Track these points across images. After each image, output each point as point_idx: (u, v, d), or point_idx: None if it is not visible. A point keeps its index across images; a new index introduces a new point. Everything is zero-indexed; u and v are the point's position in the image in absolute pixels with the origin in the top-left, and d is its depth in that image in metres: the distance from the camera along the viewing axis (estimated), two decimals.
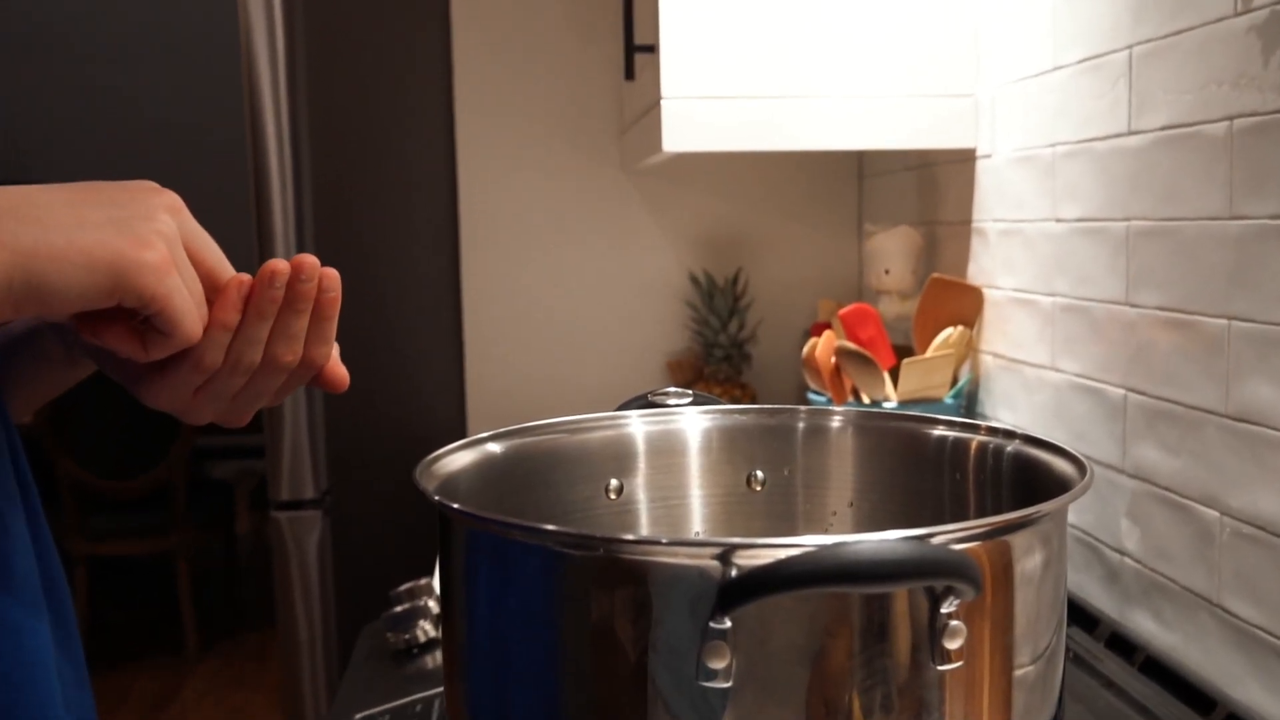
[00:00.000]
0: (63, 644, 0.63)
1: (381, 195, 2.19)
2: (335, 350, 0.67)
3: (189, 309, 0.56)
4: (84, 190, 0.54)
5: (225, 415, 0.66)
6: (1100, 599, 1.21)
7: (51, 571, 0.63)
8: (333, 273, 0.63)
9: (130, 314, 0.56)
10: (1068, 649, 1.12)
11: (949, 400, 1.51)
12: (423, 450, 0.77)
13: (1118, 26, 1.14)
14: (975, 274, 1.55)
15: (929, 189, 1.74)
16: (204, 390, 0.63)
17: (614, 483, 0.86)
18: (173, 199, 0.56)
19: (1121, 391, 1.16)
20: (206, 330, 0.60)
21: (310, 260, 0.61)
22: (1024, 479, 0.75)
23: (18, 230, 0.51)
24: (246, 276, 0.61)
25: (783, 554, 0.53)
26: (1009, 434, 0.79)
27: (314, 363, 0.65)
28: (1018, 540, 0.60)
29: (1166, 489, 1.08)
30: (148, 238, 0.53)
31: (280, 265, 0.61)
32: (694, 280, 2.13)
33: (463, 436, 2.15)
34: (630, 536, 0.57)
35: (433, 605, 1.17)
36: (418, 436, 2.23)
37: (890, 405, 1.50)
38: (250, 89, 1.91)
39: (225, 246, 0.61)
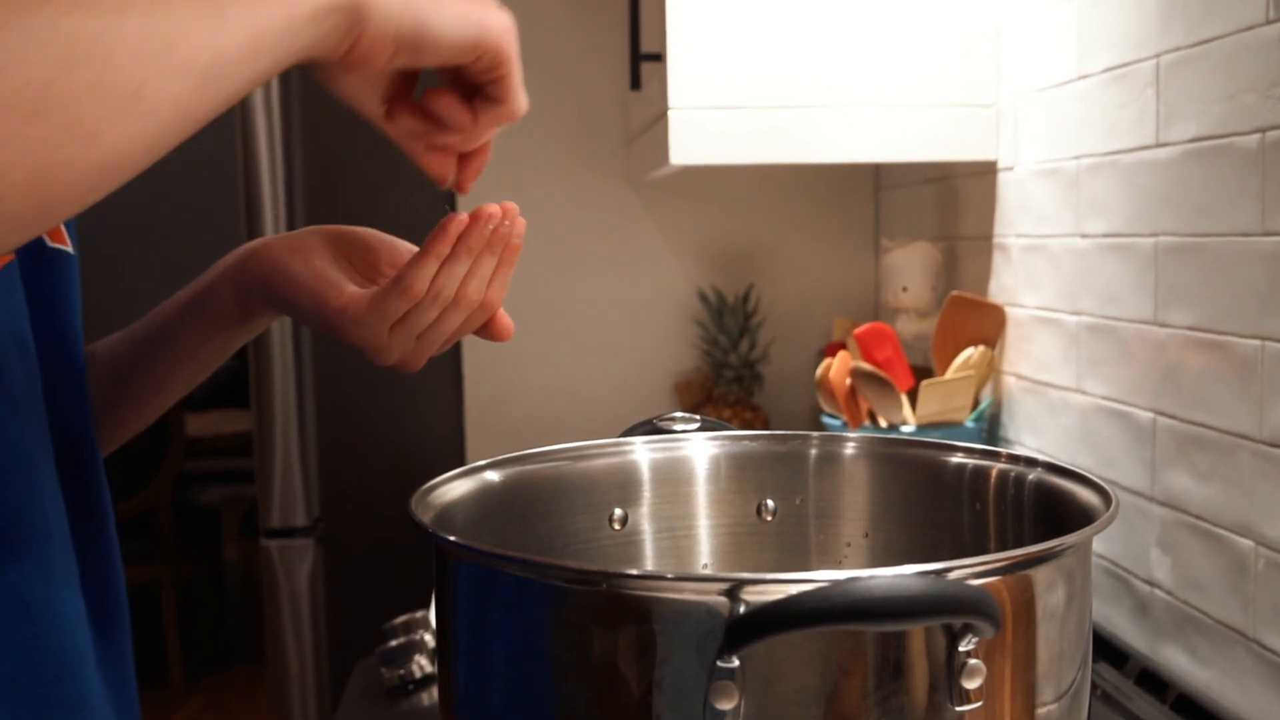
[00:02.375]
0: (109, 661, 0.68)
1: (376, 204, 2.19)
2: None
3: (521, 82, 0.66)
4: None
5: (409, 356, 0.76)
6: (1129, 633, 1.21)
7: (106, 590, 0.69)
8: (523, 221, 0.75)
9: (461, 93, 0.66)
10: (1095, 686, 1.12)
11: (970, 424, 1.51)
12: (419, 476, 0.77)
13: (1144, 34, 1.15)
14: (997, 292, 1.55)
15: (948, 203, 1.75)
16: (399, 326, 0.74)
17: (618, 513, 0.86)
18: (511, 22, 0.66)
19: (1150, 415, 1.16)
20: (419, 258, 0.73)
21: (514, 206, 0.75)
22: (1047, 509, 0.75)
23: None
24: (464, 215, 0.74)
25: (793, 590, 0.53)
26: (1031, 462, 0.79)
27: (491, 305, 0.77)
28: (1040, 574, 0.60)
29: (1198, 517, 1.08)
30: (502, 17, 0.64)
31: (494, 209, 0.74)
32: (703, 298, 2.13)
33: (461, 461, 2.16)
34: (634, 571, 0.58)
35: (429, 640, 1.17)
36: (414, 462, 2.24)
37: (908, 429, 1.50)
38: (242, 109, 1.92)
39: (214, 250, 0.65)
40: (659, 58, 1.55)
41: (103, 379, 0.81)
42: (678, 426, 0.88)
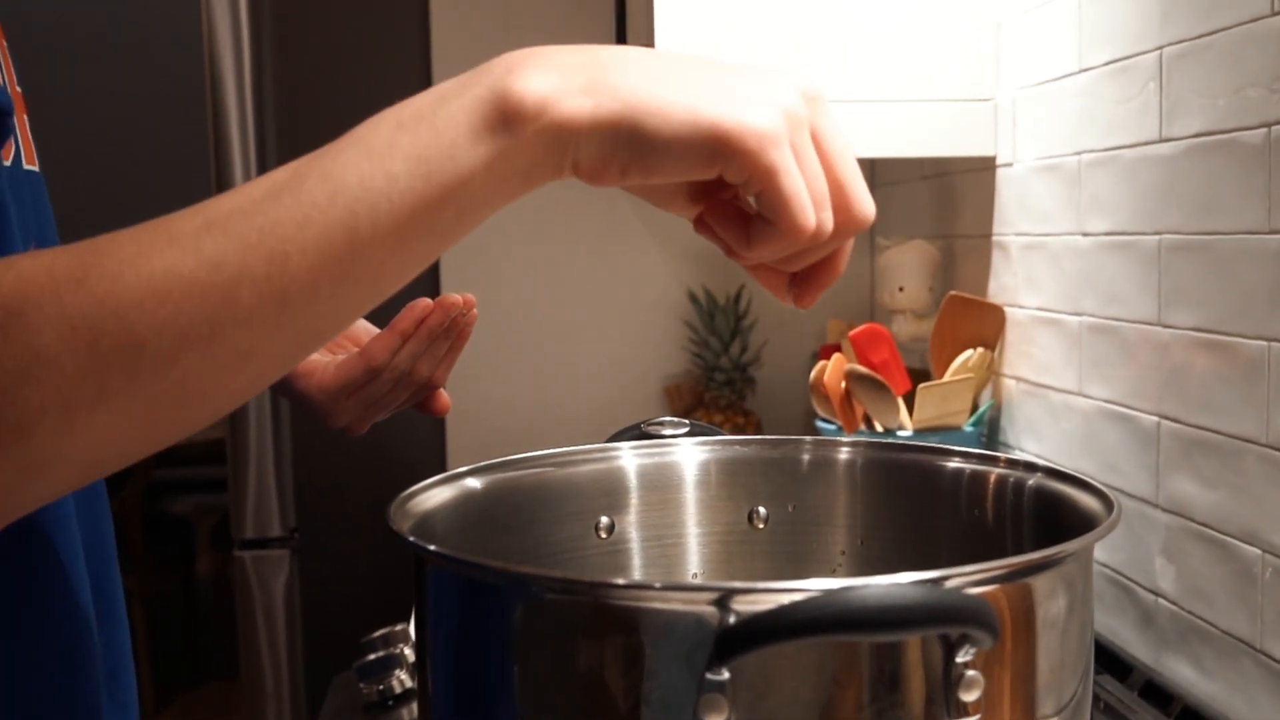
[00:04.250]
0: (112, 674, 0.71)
1: None
2: None
3: (799, 192, 0.52)
4: (709, 61, 0.54)
5: (356, 421, 0.89)
6: (1133, 644, 1.21)
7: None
8: (476, 313, 0.85)
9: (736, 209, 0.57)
10: (1098, 698, 1.13)
11: (968, 428, 1.51)
12: (398, 484, 0.77)
13: (1147, 27, 1.15)
14: (996, 292, 1.56)
15: (946, 200, 1.75)
16: (356, 393, 0.86)
17: (604, 520, 0.86)
18: (811, 84, 0.54)
19: (1154, 419, 1.17)
20: (386, 334, 0.83)
21: (471, 299, 0.85)
22: (1047, 516, 0.76)
23: (632, 83, 0.51)
24: (428, 300, 0.84)
25: (785, 599, 0.53)
26: (1031, 467, 0.79)
27: (435, 383, 0.89)
28: (1039, 583, 0.61)
29: (1204, 524, 1.08)
30: (763, 105, 0.51)
31: (456, 299, 0.84)
32: (693, 298, 2.13)
33: (442, 469, 2.15)
34: (620, 581, 0.58)
35: (409, 653, 1.17)
36: (393, 470, 2.23)
37: (905, 434, 1.51)
38: (213, 90, 1.92)
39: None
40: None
41: None
42: (666, 431, 0.88)
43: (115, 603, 0.74)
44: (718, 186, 0.57)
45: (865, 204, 0.55)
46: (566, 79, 0.51)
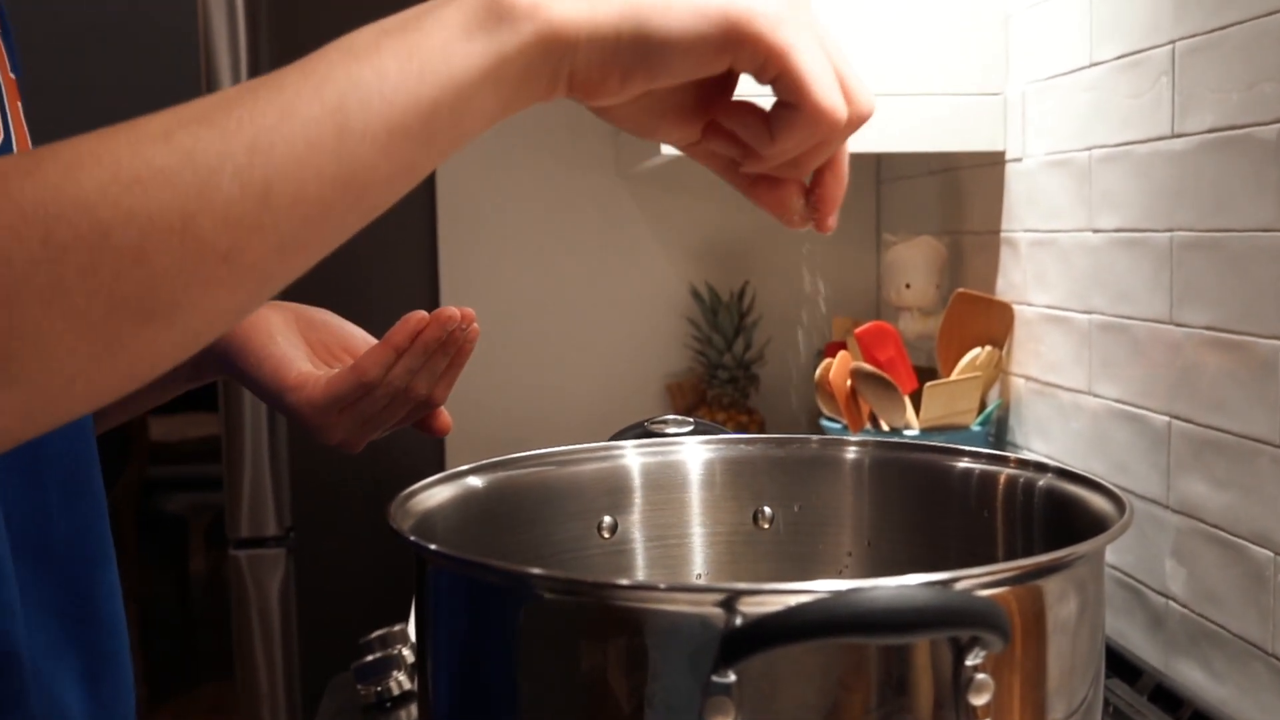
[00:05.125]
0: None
1: None
2: None
3: (818, 68, 0.51)
4: None
5: (351, 438, 0.84)
6: (1143, 648, 1.21)
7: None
8: (477, 327, 0.81)
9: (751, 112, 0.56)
10: (1107, 703, 1.13)
11: (976, 428, 1.51)
12: (396, 483, 0.77)
13: (1159, 20, 1.15)
14: (1004, 289, 1.56)
15: (953, 195, 1.75)
16: (349, 409, 0.81)
17: (607, 520, 0.86)
18: None
19: (1165, 419, 1.16)
20: (379, 349, 0.79)
21: (471, 313, 0.80)
22: (1057, 517, 0.76)
23: None
24: (424, 313, 0.79)
25: (792, 601, 0.53)
26: (1041, 468, 0.79)
27: (435, 401, 0.84)
28: (1050, 585, 0.60)
29: (1215, 526, 1.08)
30: None
31: (454, 312, 0.79)
32: (696, 295, 2.13)
33: (441, 467, 2.15)
34: (624, 582, 0.58)
35: (407, 654, 1.17)
36: (391, 468, 2.23)
37: (911, 433, 1.50)
38: (209, 86, 1.92)
39: None
40: None
41: None
42: (670, 430, 0.88)
43: (103, 605, 0.73)
44: (712, 96, 0.56)
45: (867, 93, 0.54)
46: None
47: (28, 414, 0.44)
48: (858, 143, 1.64)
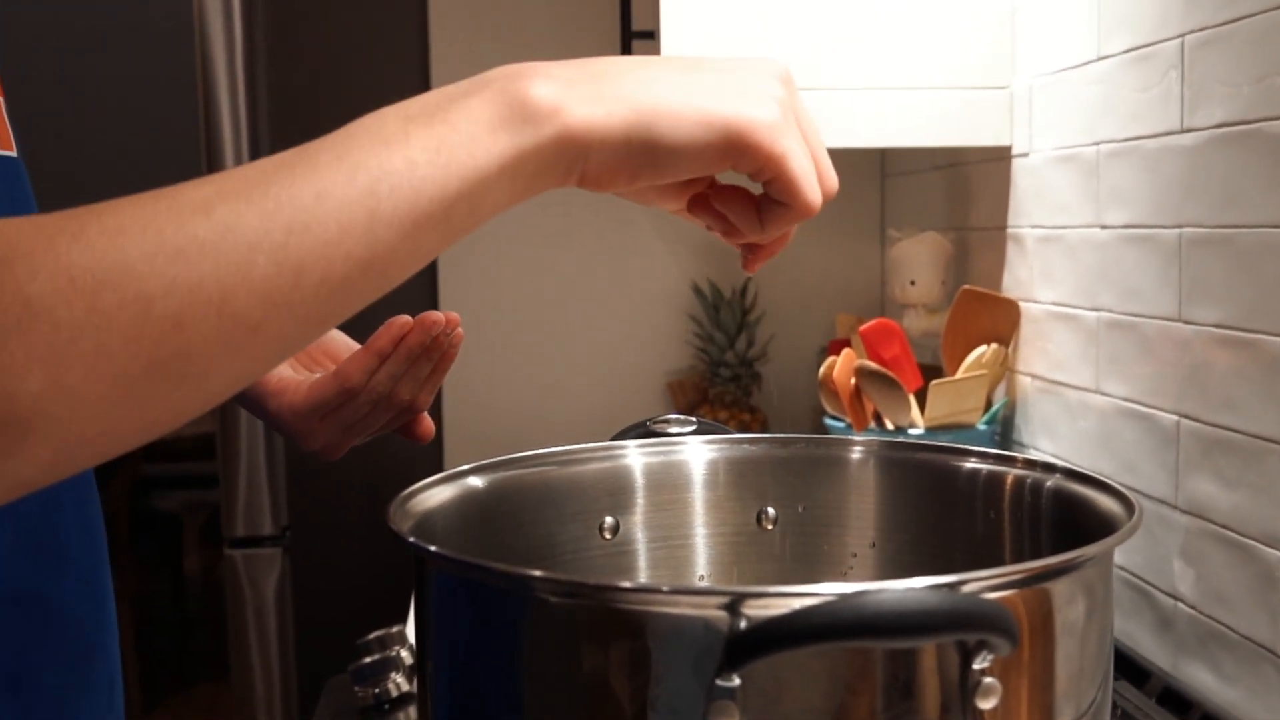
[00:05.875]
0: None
1: None
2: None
3: (808, 172, 0.58)
4: (692, 60, 0.58)
5: (332, 444, 0.84)
6: (1151, 650, 1.21)
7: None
8: (461, 332, 0.80)
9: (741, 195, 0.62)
10: (1115, 705, 1.13)
11: (982, 426, 1.51)
12: (394, 482, 0.77)
13: (1168, 12, 1.15)
14: (1011, 286, 1.56)
15: (959, 191, 1.75)
16: (330, 416, 0.81)
17: (609, 521, 0.86)
18: (784, 69, 0.59)
19: (1174, 418, 1.16)
20: (361, 354, 0.78)
21: (456, 317, 0.80)
22: (1065, 518, 0.76)
23: (636, 90, 0.54)
24: (407, 318, 0.78)
25: (797, 604, 0.53)
26: (1048, 468, 0.79)
27: (418, 407, 0.83)
28: (1058, 588, 0.60)
29: (1224, 526, 1.08)
30: (761, 99, 0.56)
31: (439, 317, 0.78)
32: (698, 291, 2.13)
33: (439, 466, 2.15)
34: (627, 584, 0.58)
35: (406, 656, 1.17)
36: (388, 467, 2.23)
37: (916, 432, 1.50)
38: (205, 81, 1.92)
39: None
40: (652, 35, 1.55)
41: None
42: (673, 429, 0.88)
43: (104, 605, 0.74)
44: (699, 178, 0.62)
45: (834, 176, 0.60)
46: (570, 88, 0.53)
47: (52, 466, 0.46)
48: (862, 137, 1.64)
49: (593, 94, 0.53)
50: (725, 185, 0.63)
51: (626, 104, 0.54)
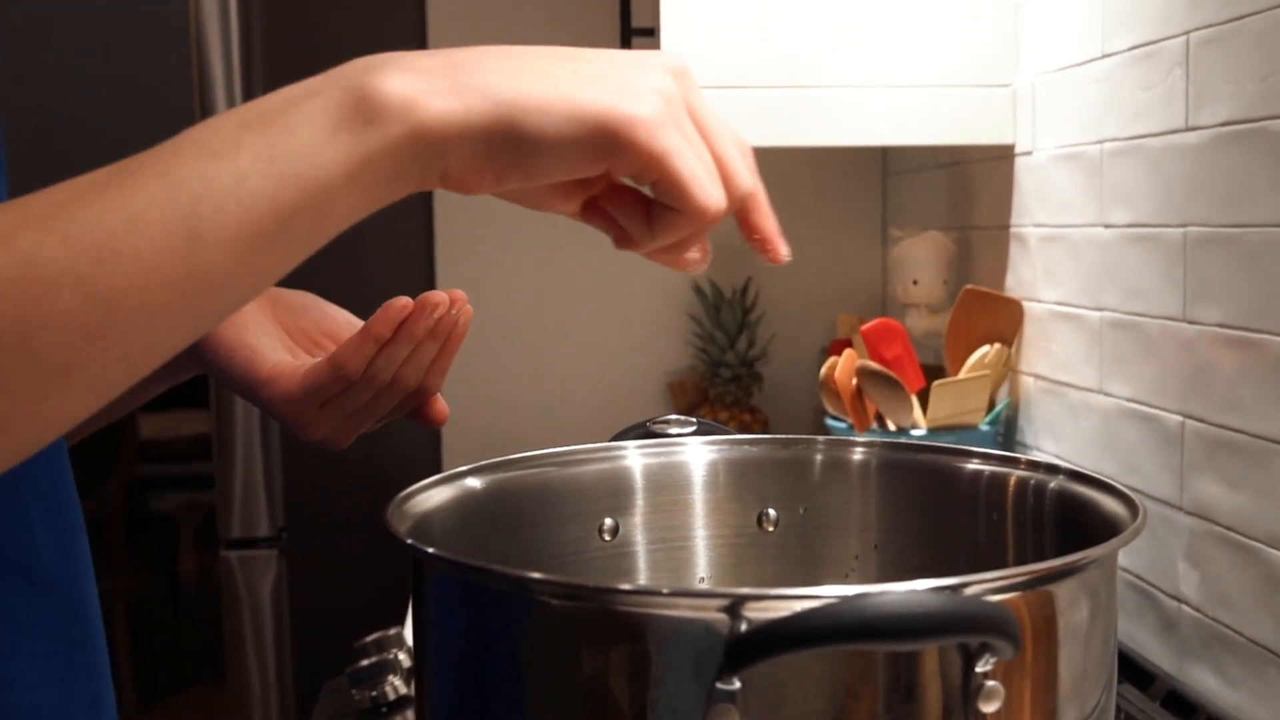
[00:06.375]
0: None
1: None
2: None
3: (697, 172, 0.52)
4: (569, 50, 0.53)
5: (336, 433, 0.78)
6: (1155, 652, 1.21)
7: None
8: (470, 310, 0.74)
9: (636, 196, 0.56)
10: (1119, 709, 1.13)
11: (985, 427, 1.51)
12: (391, 483, 0.77)
13: (1173, 10, 1.15)
14: (1014, 285, 1.56)
15: (961, 190, 1.75)
16: (330, 404, 0.75)
17: (608, 522, 0.86)
18: (677, 62, 0.54)
19: (1179, 419, 1.17)
20: (358, 340, 0.72)
21: (462, 295, 0.73)
22: (1069, 520, 0.76)
23: (500, 81, 0.50)
24: (406, 300, 0.72)
25: (798, 606, 0.53)
26: (1052, 469, 0.79)
27: (429, 390, 0.78)
28: (1062, 590, 0.60)
29: (1229, 528, 1.08)
30: (642, 92, 0.51)
31: (441, 297, 0.72)
32: (698, 291, 2.13)
33: (437, 467, 2.15)
34: (626, 586, 0.58)
35: (404, 659, 1.17)
36: (386, 468, 2.23)
37: (919, 433, 1.51)
38: (201, 84, 1.92)
39: None
40: (652, 32, 1.55)
41: None
42: (673, 430, 0.88)
43: (89, 621, 0.72)
44: (595, 178, 0.55)
45: (745, 176, 0.55)
46: (428, 80, 0.49)
47: None
48: (863, 135, 1.64)
49: (451, 86, 0.49)
50: (618, 185, 0.57)
51: (488, 96, 0.49)
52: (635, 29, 1.64)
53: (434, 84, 0.48)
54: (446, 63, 0.50)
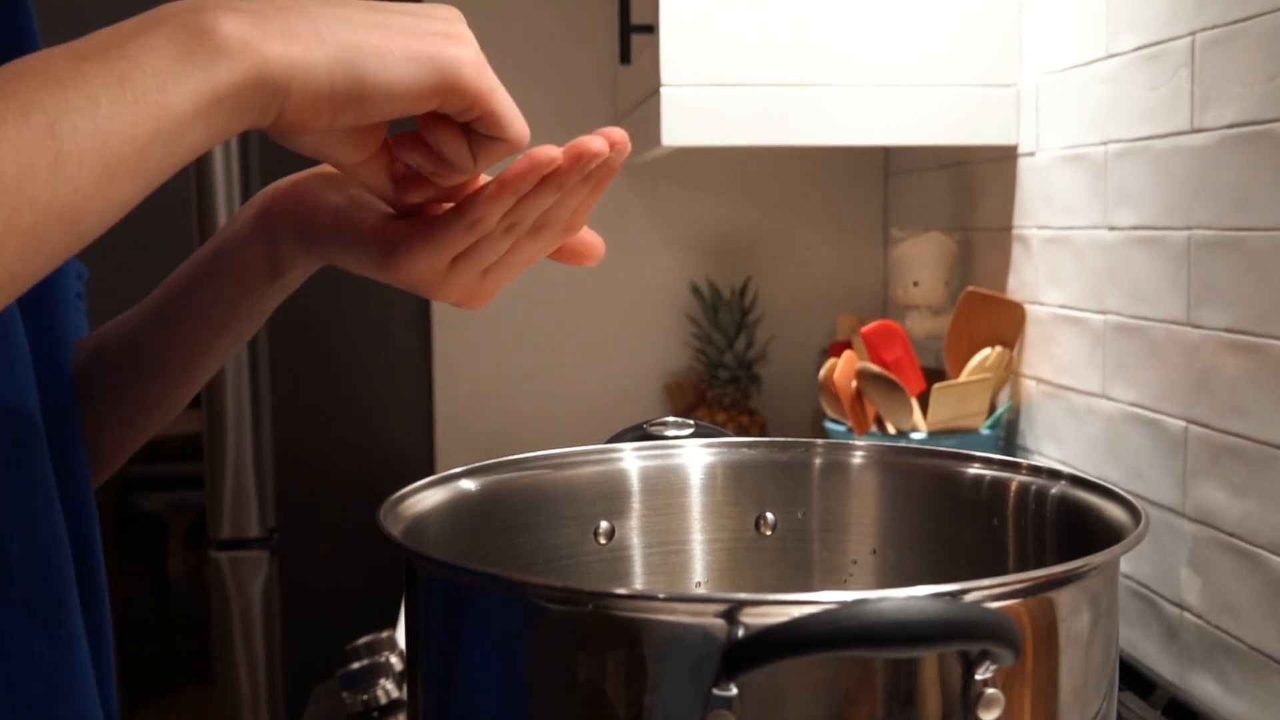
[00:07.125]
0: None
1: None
2: None
3: (513, 106, 0.59)
4: (373, 3, 0.57)
5: (471, 293, 0.71)
6: (1157, 660, 1.21)
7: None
8: (629, 146, 0.67)
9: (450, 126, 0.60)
10: (1120, 717, 1.13)
11: (985, 431, 1.51)
12: (384, 484, 0.77)
13: (1179, 10, 1.15)
14: (1016, 288, 1.56)
15: (964, 190, 1.75)
16: (462, 260, 0.68)
17: (604, 525, 0.86)
18: (460, 15, 0.60)
19: (1182, 423, 1.17)
20: (496, 191, 0.64)
21: (622, 135, 0.65)
22: (1071, 526, 0.76)
23: (334, 27, 0.54)
24: (553, 151, 0.63)
25: (797, 612, 0.53)
26: (1054, 474, 0.79)
27: (574, 228, 0.72)
28: (1063, 597, 0.60)
29: (1232, 535, 1.09)
30: (460, 38, 0.57)
31: (600, 145, 0.64)
32: (696, 291, 2.13)
33: (431, 469, 2.15)
34: (622, 590, 0.58)
35: (396, 662, 1.17)
36: (379, 469, 2.23)
37: (919, 436, 1.51)
38: None
39: (165, 254, 0.63)
40: (651, 29, 1.55)
41: (115, 363, 0.78)
42: (670, 432, 0.88)
43: (74, 649, 0.69)
44: (378, 126, 0.60)
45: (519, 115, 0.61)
46: (261, 23, 0.51)
47: None
48: (865, 135, 1.64)
49: (284, 28, 0.52)
50: (435, 116, 0.59)
51: (327, 41, 0.53)
52: (634, 25, 1.64)
53: (267, 26, 0.52)
54: (272, 5, 0.53)
